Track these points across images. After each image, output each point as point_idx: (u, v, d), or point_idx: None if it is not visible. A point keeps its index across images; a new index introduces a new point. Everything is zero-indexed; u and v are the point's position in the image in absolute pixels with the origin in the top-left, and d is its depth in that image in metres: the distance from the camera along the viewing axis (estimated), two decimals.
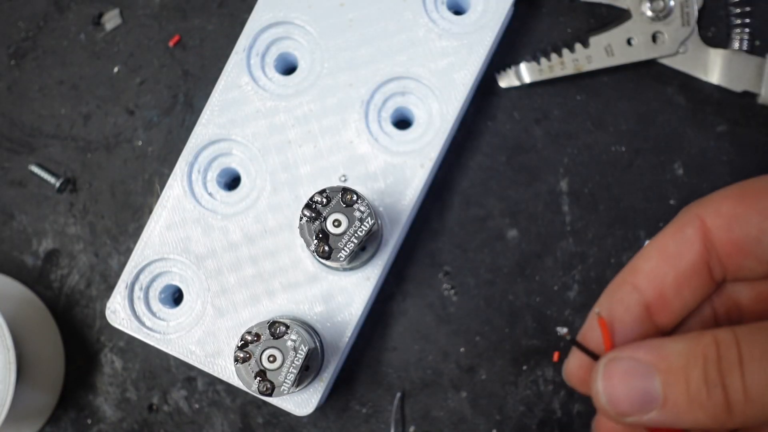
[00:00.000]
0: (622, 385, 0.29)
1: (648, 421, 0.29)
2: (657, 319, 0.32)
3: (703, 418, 0.27)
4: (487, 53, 0.48)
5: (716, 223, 0.31)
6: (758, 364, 0.26)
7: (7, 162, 0.53)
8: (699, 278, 0.32)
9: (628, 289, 0.32)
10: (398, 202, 0.47)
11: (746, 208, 0.30)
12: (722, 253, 0.31)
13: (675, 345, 0.29)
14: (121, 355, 0.52)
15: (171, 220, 0.47)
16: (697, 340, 0.28)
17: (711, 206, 0.31)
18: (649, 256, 0.32)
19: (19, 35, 0.54)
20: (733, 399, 0.27)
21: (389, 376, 0.50)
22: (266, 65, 0.49)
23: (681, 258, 0.32)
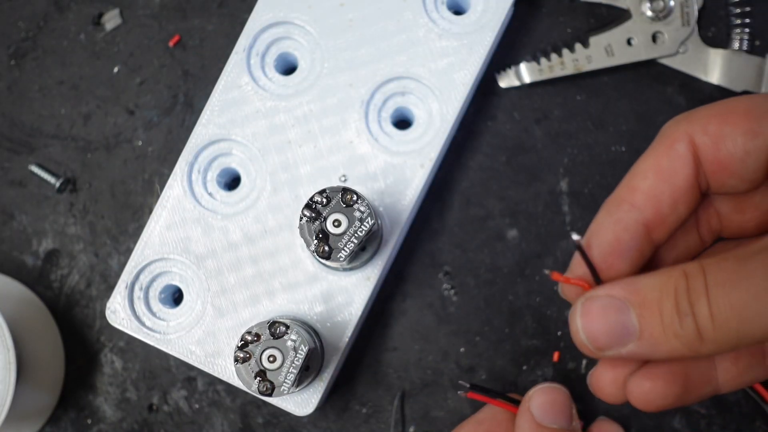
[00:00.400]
0: (600, 320, 0.30)
1: (627, 353, 0.30)
2: (654, 235, 0.33)
3: (678, 346, 0.29)
4: (487, 53, 0.48)
5: (704, 141, 0.32)
6: (721, 290, 0.28)
7: (7, 162, 0.53)
8: (692, 193, 0.33)
9: (626, 208, 0.33)
10: (398, 202, 0.47)
11: (733, 128, 0.31)
12: (708, 171, 0.32)
13: (648, 280, 0.30)
14: (121, 355, 0.52)
15: (171, 220, 0.47)
16: (669, 273, 0.29)
17: (698, 124, 0.32)
18: (645, 174, 0.33)
19: (19, 35, 0.54)
20: (702, 325, 0.28)
21: (389, 376, 0.50)
22: (266, 65, 0.49)
23: (676, 174, 0.32)
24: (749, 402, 0.49)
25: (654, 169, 0.33)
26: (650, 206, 0.33)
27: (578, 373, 0.50)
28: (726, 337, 0.28)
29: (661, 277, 0.30)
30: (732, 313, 0.27)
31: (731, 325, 0.28)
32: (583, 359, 0.50)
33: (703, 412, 0.49)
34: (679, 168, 0.32)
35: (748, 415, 0.49)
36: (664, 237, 0.34)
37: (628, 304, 0.30)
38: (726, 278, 0.28)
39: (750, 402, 0.49)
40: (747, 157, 0.31)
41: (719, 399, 0.49)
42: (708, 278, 0.28)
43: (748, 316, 0.27)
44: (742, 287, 0.27)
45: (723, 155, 0.32)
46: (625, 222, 0.33)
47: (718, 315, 0.28)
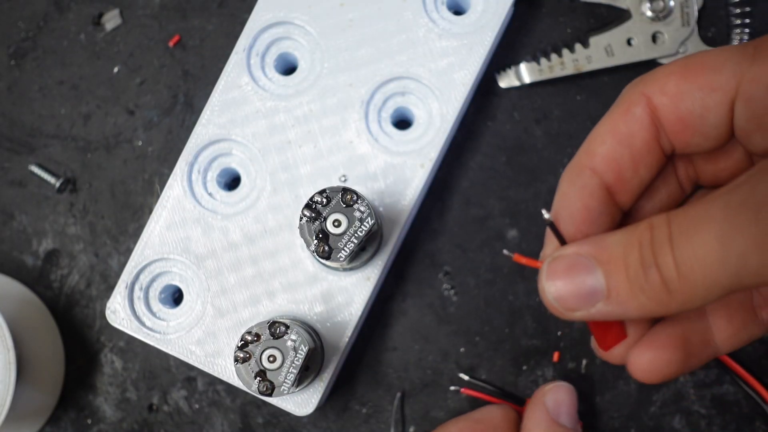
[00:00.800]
0: (566, 280, 0.29)
1: (596, 313, 0.29)
2: (618, 199, 0.33)
3: (645, 301, 0.28)
4: (487, 53, 0.48)
5: (662, 101, 0.31)
6: (685, 237, 0.26)
7: (7, 162, 0.53)
8: (652, 155, 0.32)
9: (587, 174, 0.32)
10: (398, 202, 0.47)
11: (690, 84, 0.30)
12: (669, 131, 0.32)
13: (614, 236, 0.29)
14: (121, 355, 0.52)
15: (171, 220, 0.47)
16: (635, 227, 0.29)
17: (656, 84, 0.31)
18: (602, 139, 0.32)
19: (19, 35, 0.54)
20: (667, 276, 0.27)
21: (389, 376, 0.50)
22: (266, 65, 0.49)
23: (633, 137, 0.32)
24: (749, 402, 0.49)
25: (611, 133, 0.32)
26: (610, 170, 0.32)
27: (578, 372, 0.50)
28: (693, 288, 0.27)
29: (627, 232, 0.29)
30: (695, 260, 0.26)
31: (696, 274, 0.26)
32: (583, 359, 0.50)
33: (703, 412, 0.49)
34: (636, 131, 0.32)
35: (748, 415, 0.49)
36: (629, 200, 0.33)
37: (595, 262, 0.29)
38: (689, 225, 0.27)
39: (750, 402, 0.49)
40: (707, 113, 0.30)
41: (719, 399, 0.49)
42: (672, 227, 0.27)
43: (712, 263, 0.26)
44: (704, 232, 0.26)
45: (682, 113, 0.31)
46: (589, 188, 0.32)
47: (683, 264, 0.26)
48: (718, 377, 0.49)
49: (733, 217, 0.25)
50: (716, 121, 0.30)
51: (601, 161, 0.32)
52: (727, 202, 0.26)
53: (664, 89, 0.31)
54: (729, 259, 0.25)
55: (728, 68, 0.30)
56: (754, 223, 0.24)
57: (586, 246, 0.29)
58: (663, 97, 0.31)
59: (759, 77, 0.29)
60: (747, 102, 0.29)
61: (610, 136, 0.32)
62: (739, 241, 0.25)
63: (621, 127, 0.32)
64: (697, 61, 0.31)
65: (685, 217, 0.27)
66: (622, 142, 0.32)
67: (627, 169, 0.32)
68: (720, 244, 0.25)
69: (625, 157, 0.32)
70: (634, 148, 0.32)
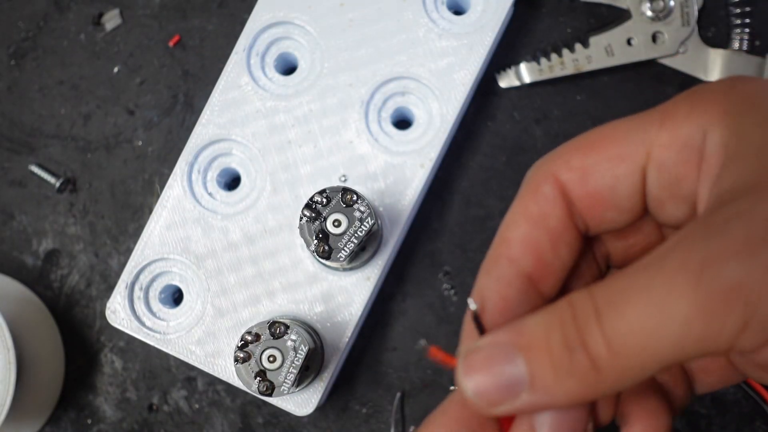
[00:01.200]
0: (485, 373, 0.26)
1: (522, 406, 0.26)
2: (541, 287, 0.30)
3: (574, 386, 0.25)
4: (487, 53, 0.48)
5: (569, 177, 0.29)
6: (615, 309, 0.24)
7: (7, 162, 0.53)
8: (570, 234, 0.30)
9: (504, 264, 0.30)
10: (398, 202, 0.47)
11: (596, 158, 0.29)
12: (581, 207, 0.30)
13: (534, 318, 0.26)
14: (121, 355, 0.52)
15: (171, 220, 0.47)
16: (554, 306, 0.26)
17: (560, 160, 0.30)
18: (516, 224, 0.30)
19: (19, 35, 0.54)
20: (596, 354, 0.24)
21: (389, 376, 0.50)
22: (266, 65, 0.49)
23: (547, 217, 0.30)
24: (749, 402, 0.49)
25: (524, 217, 0.30)
26: (529, 256, 0.30)
27: None
28: (628, 364, 0.24)
29: (547, 312, 0.26)
30: (630, 333, 0.24)
31: (632, 348, 0.24)
32: None
33: (703, 412, 0.49)
34: (549, 210, 0.30)
35: (748, 415, 0.49)
36: (553, 286, 0.31)
37: (515, 349, 0.26)
38: (617, 296, 0.24)
39: (750, 402, 0.49)
40: (617, 183, 0.29)
41: (719, 399, 0.49)
42: (598, 301, 0.25)
43: (650, 334, 0.24)
44: (638, 302, 0.24)
45: (591, 187, 0.29)
46: (506, 278, 0.30)
47: (614, 338, 0.24)
48: None
49: (671, 283, 0.23)
50: (628, 191, 0.29)
51: (517, 247, 0.30)
52: (661, 268, 0.24)
53: (570, 164, 0.29)
54: (670, 328, 0.23)
55: (636, 136, 0.28)
56: (695, 288, 0.23)
57: (504, 333, 0.27)
58: (569, 173, 0.29)
59: (669, 143, 0.28)
60: (659, 169, 0.28)
61: (522, 220, 0.30)
62: (681, 308, 0.23)
63: (532, 208, 0.30)
64: (602, 133, 0.29)
65: (610, 289, 0.25)
66: (537, 224, 0.30)
67: (546, 251, 0.30)
68: (659, 312, 0.23)
69: (542, 239, 0.30)
70: (550, 229, 0.30)
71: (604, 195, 0.29)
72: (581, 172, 0.29)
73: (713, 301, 0.23)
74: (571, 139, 0.30)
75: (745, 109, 0.27)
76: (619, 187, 0.29)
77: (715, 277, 0.23)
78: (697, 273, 0.23)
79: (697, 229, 0.24)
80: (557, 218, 0.30)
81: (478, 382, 0.27)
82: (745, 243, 0.23)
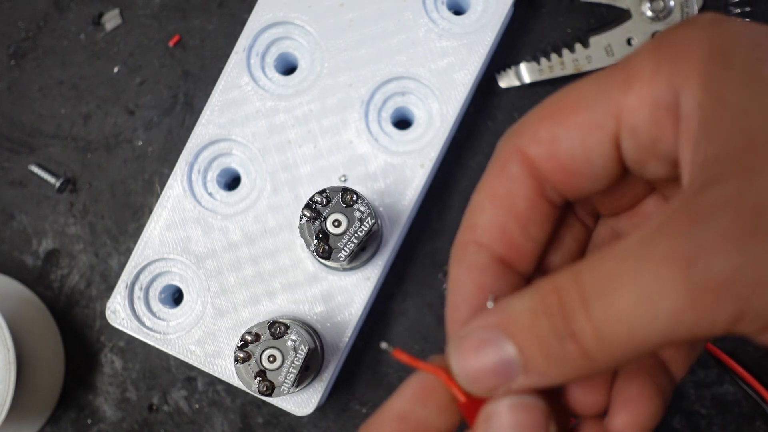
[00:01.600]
0: (477, 359, 0.26)
1: (519, 388, 0.26)
2: (517, 267, 0.29)
3: (569, 371, 0.25)
4: (487, 53, 0.48)
5: (537, 152, 0.28)
6: (602, 298, 0.24)
7: (7, 162, 0.53)
8: (541, 212, 0.29)
9: (473, 250, 0.29)
10: (398, 202, 0.47)
11: (564, 128, 0.27)
12: (554, 181, 0.28)
13: (519, 302, 0.26)
14: (121, 355, 0.52)
15: (171, 220, 0.47)
16: (539, 290, 0.25)
17: (527, 134, 0.28)
18: (481, 207, 0.29)
19: (19, 35, 0.54)
20: (587, 345, 0.24)
21: (389, 376, 0.50)
22: (266, 65, 0.49)
23: (515, 198, 0.28)
24: (749, 402, 0.49)
25: (489, 199, 0.29)
26: (498, 240, 0.29)
27: None
28: (619, 351, 0.24)
29: (531, 297, 0.25)
30: (618, 323, 0.23)
31: (621, 337, 0.23)
32: None
33: (703, 412, 0.49)
34: (516, 190, 0.28)
35: (748, 415, 0.49)
36: (530, 262, 0.30)
37: (503, 334, 0.26)
38: (604, 284, 0.24)
39: (750, 402, 0.49)
40: (590, 154, 0.27)
41: (719, 399, 0.49)
42: (585, 288, 0.24)
43: (640, 323, 0.23)
44: (626, 291, 0.23)
45: (563, 160, 0.27)
46: (478, 265, 0.29)
47: (603, 328, 0.24)
48: (718, 377, 0.49)
49: (658, 274, 0.23)
50: (603, 160, 0.27)
51: (484, 233, 0.29)
52: (648, 257, 0.23)
53: (537, 138, 0.28)
54: (660, 318, 0.23)
55: (603, 101, 0.27)
56: (683, 281, 0.22)
57: (489, 317, 0.26)
58: (538, 147, 0.28)
59: (638, 105, 0.26)
60: (632, 134, 0.26)
61: (488, 203, 0.29)
62: (671, 299, 0.22)
63: (498, 189, 0.29)
64: (567, 98, 0.28)
65: (597, 276, 0.24)
66: (503, 205, 0.28)
67: (516, 234, 0.29)
68: (648, 302, 0.23)
69: (510, 222, 0.29)
70: (518, 210, 0.28)
71: (578, 166, 0.28)
72: (550, 144, 0.28)
73: (703, 295, 0.22)
74: (536, 106, 0.29)
75: (721, 61, 0.24)
76: (592, 156, 0.27)
77: (704, 271, 0.22)
78: (685, 266, 0.22)
79: (683, 215, 0.23)
80: (525, 199, 0.28)
81: (469, 368, 0.26)
82: (733, 235, 0.22)
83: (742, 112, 0.23)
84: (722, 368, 0.49)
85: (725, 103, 0.24)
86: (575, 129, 0.27)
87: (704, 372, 0.49)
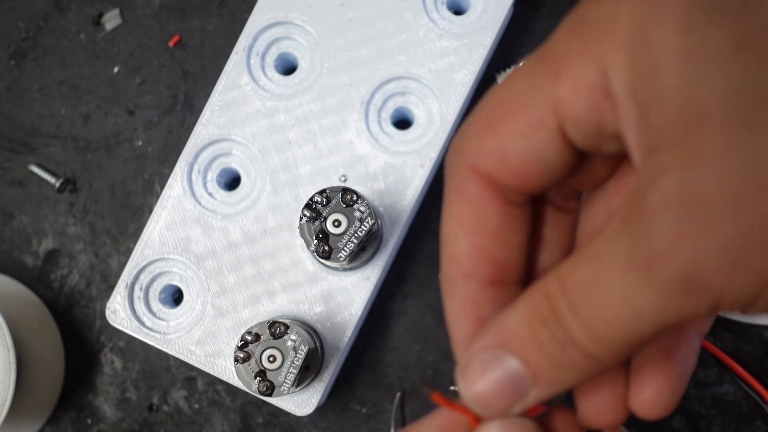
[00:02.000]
0: (484, 381, 0.26)
1: (534, 401, 0.26)
2: (509, 279, 0.29)
3: (578, 374, 0.25)
4: (487, 53, 0.48)
5: (489, 165, 0.27)
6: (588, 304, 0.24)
7: (7, 162, 0.53)
8: (513, 218, 0.28)
9: (461, 282, 0.28)
10: (398, 202, 0.47)
11: (507, 135, 0.26)
12: (514, 186, 0.27)
13: (514, 316, 0.26)
14: (121, 355, 0.52)
15: (171, 220, 0.47)
16: (531, 300, 0.25)
17: (472, 150, 0.27)
18: (455, 237, 0.28)
19: (19, 35, 0.54)
20: (586, 347, 0.24)
21: (389, 376, 0.50)
22: (266, 65, 0.49)
23: (483, 218, 0.28)
24: (749, 402, 0.49)
25: (461, 228, 0.28)
26: (482, 265, 0.28)
27: None
28: (618, 349, 0.24)
29: (524, 308, 0.25)
30: (608, 325, 0.23)
31: (615, 337, 0.24)
32: None
33: (703, 412, 0.49)
34: (482, 209, 0.28)
35: (748, 415, 0.49)
36: (518, 270, 0.29)
37: (505, 351, 0.25)
38: (587, 289, 0.24)
39: (750, 402, 0.49)
40: (541, 153, 0.26)
41: (719, 399, 0.49)
42: (570, 294, 0.24)
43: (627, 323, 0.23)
44: (606, 296, 0.23)
45: (517, 167, 0.27)
46: (471, 298, 0.28)
47: (597, 332, 0.24)
48: (718, 377, 0.49)
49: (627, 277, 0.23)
50: (556, 154, 0.26)
51: (467, 262, 0.28)
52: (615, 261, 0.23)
53: (483, 151, 0.27)
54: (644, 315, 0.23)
55: (537, 97, 0.26)
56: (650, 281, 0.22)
57: (488, 337, 0.26)
58: (487, 160, 0.27)
59: (572, 94, 0.25)
60: (575, 123, 0.26)
61: (461, 231, 0.28)
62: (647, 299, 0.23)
63: (465, 215, 0.28)
64: (503, 103, 0.27)
65: (578, 282, 0.24)
66: (476, 230, 0.28)
67: (498, 251, 0.28)
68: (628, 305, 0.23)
69: (488, 242, 0.28)
70: (491, 228, 0.28)
71: (533, 167, 0.27)
72: (498, 155, 0.27)
73: (674, 292, 0.22)
74: (473, 113, 0.28)
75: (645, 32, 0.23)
76: (543, 154, 0.26)
77: (666, 270, 0.22)
78: (647, 269, 0.22)
79: (636, 213, 0.23)
80: (493, 214, 0.28)
81: (481, 390, 0.26)
82: (683, 231, 0.21)
83: (674, 89, 0.22)
84: (722, 368, 0.49)
85: (655, 80, 0.23)
86: (518, 134, 0.26)
87: (704, 372, 0.49)
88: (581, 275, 0.24)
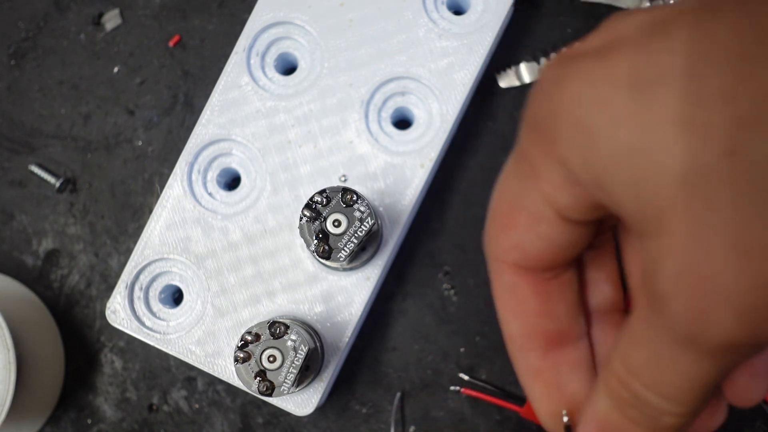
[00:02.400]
0: None
1: None
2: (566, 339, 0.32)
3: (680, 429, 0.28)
4: (487, 53, 0.48)
5: (513, 257, 0.30)
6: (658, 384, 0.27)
7: (7, 162, 0.53)
8: (556, 292, 0.31)
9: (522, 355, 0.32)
10: (398, 202, 0.47)
11: (516, 233, 0.29)
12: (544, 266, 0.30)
13: (603, 404, 0.29)
14: (121, 355, 0.52)
15: (171, 220, 0.47)
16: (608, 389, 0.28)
17: (495, 248, 0.30)
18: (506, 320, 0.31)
19: (19, 35, 0.54)
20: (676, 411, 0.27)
21: (389, 376, 0.50)
22: (266, 65, 0.49)
23: (524, 302, 0.31)
24: None
25: (509, 313, 0.31)
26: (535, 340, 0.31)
27: None
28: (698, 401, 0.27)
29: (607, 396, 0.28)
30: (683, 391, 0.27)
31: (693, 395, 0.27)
32: None
33: None
34: (521, 295, 0.31)
35: (748, 415, 0.49)
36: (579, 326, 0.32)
37: None
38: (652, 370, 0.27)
39: None
40: (552, 239, 0.29)
41: None
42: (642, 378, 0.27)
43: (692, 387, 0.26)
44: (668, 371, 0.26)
45: (536, 255, 0.29)
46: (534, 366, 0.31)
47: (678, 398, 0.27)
48: None
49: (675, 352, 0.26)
50: (566, 235, 0.29)
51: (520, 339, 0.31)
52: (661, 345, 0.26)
53: (504, 248, 0.30)
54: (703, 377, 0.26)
55: (528, 195, 0.28)
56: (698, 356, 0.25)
57: (589, 426, 0.29)
58: (510, 254, 0.30)
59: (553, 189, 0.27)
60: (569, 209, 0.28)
61: (509, 316, 0.31)
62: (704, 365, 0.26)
63: (508, 301, 0.31)
64: (503, 205, 0.30)
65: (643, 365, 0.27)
66: (520, 312, 0.31)
67: (547, 324, 0.31)
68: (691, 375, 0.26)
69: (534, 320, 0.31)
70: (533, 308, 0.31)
71: (549, 251, 0.29)
72: (516, 249, 0.30)
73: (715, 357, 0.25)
74: (488, 216, 0.31)
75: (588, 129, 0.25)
76: (554, 239, 0.29)
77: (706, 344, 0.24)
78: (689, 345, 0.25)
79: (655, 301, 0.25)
80: (533, 296, 0.31)
81: None
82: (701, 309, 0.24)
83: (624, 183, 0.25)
84: None
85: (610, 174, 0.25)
86: (525, 230, 0.29)
87: None
88: (641, 359, 0.27)
